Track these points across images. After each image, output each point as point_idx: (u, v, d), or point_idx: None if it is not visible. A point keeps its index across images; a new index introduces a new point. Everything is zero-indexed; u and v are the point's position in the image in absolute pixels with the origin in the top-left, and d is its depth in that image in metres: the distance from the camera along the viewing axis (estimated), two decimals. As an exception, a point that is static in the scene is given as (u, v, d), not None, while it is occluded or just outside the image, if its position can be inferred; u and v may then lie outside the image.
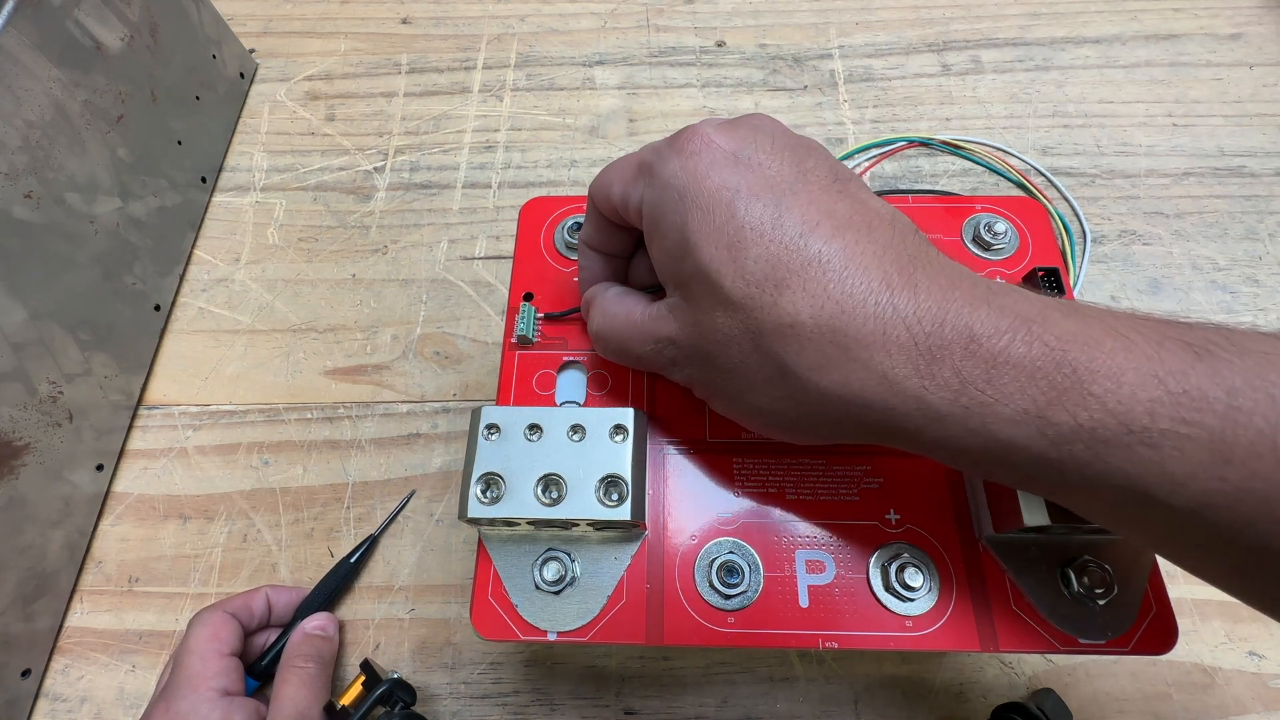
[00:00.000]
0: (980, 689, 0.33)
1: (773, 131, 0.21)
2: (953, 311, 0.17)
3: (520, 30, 0.53)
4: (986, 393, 0.17)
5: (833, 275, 0.18)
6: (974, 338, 0.17)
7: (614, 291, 0.24)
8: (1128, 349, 0.16)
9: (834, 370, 0.18)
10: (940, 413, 0.17)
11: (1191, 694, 0.32)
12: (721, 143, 0.20)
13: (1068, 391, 0.16)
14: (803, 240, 0.18)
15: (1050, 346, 0.16)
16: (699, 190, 0.20)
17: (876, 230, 0.19)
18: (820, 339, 0.18)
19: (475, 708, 0.33)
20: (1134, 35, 0.51)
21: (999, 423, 0.17)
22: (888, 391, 0.18)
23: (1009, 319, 0.17)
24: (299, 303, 0.43)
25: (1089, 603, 0.22)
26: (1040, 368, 0.16)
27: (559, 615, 0.23)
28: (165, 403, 0.40)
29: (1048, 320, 0.17)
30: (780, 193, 0.19)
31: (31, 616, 0.33)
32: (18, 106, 0.33)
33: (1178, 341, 0.16)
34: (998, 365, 0.17)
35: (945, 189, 0.45)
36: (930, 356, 0.17)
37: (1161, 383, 0.16)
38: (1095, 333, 0.17)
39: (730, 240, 0.19)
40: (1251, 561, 0.16)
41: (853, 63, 0.51)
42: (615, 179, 0.22)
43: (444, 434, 0.39)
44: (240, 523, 0.37)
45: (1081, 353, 0.16)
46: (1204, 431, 0.15)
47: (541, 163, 0.47)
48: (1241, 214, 0.44)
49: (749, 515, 0.24)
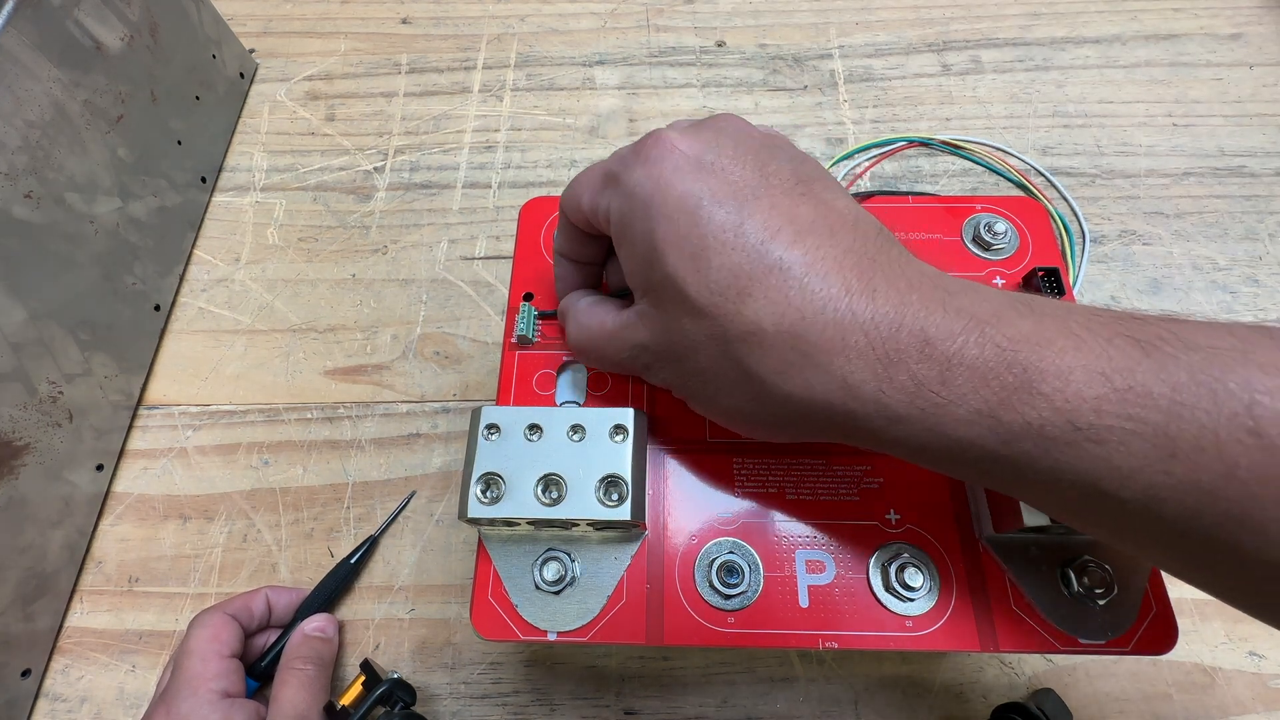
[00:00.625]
0: (980, 689, 0.33)
1: (736, 133, 0.21)
2: (909, 316, 0.18)
3: (520, 30, 0.53)
4: (941, 394, 0.17)
5: (793, 282, 0.18)
6: (928, 341, 0.17)
7: (586, 301, 0.24)
8: (1077, 347, 0.16)
9: (796, 375, 0.18)
10: (898, 414, 0.18)
11: (1192, 694, 0.32)
12: (685, 148, 0.20)
13: (1017, 391, 0.16)
14: (764, 248, 0.19)
15: (1001, 348, 0.17)
16: (663, 199, 0.20)
17: (838, 234, 0.19)
18: (782, 345, 0.18)
19: (475, 708, 0.33)
20: (1134, 35, 0.51)
21: (954, 423, 0.17)
22: (848, 395, 0.18)
23: (963, 321, 0.17)
24: (299, 303, 0.43)
25: (1089, 603, 0.22)
26: (992, 369, 0.17)
27: (559, 615, 0.23)
28: (165, 403, 0.40)
29: (1002, 320, 0.17)
30: (743, 199, 0.19)
31: (31, 616, 0.33)
32: (18, 106, 0.33)
33: (1127, 338, 0.16)
34: (952, 367, 0.17)
35: (945, 189, 0.45)
36: (887, 361, 0.18)
37: (1108, 380, 0.16)
38: (1048, 332, 0.17)
39: (694, 249, 0.19)
40: (1204, 554, 0.16)
41: (853, 63, 0.51)
42: (584, 189, 0.23)
43: (444, 434, 0.39)
44: (240, 523, 0.37)
45: (1032, 353, 0.17)
46: (1148, 427, 0.15)
47: (541, 163, 0.47)
48: (1241, 214, 0.44)
49: (749, 515, 0.24)
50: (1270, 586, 0.16)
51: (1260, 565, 0.15)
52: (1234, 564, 0.16)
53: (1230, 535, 0.15)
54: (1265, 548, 0.15)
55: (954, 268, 0.28)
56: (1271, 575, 0.15)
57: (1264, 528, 0.15)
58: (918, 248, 0.29)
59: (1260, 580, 0.16)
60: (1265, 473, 0.15)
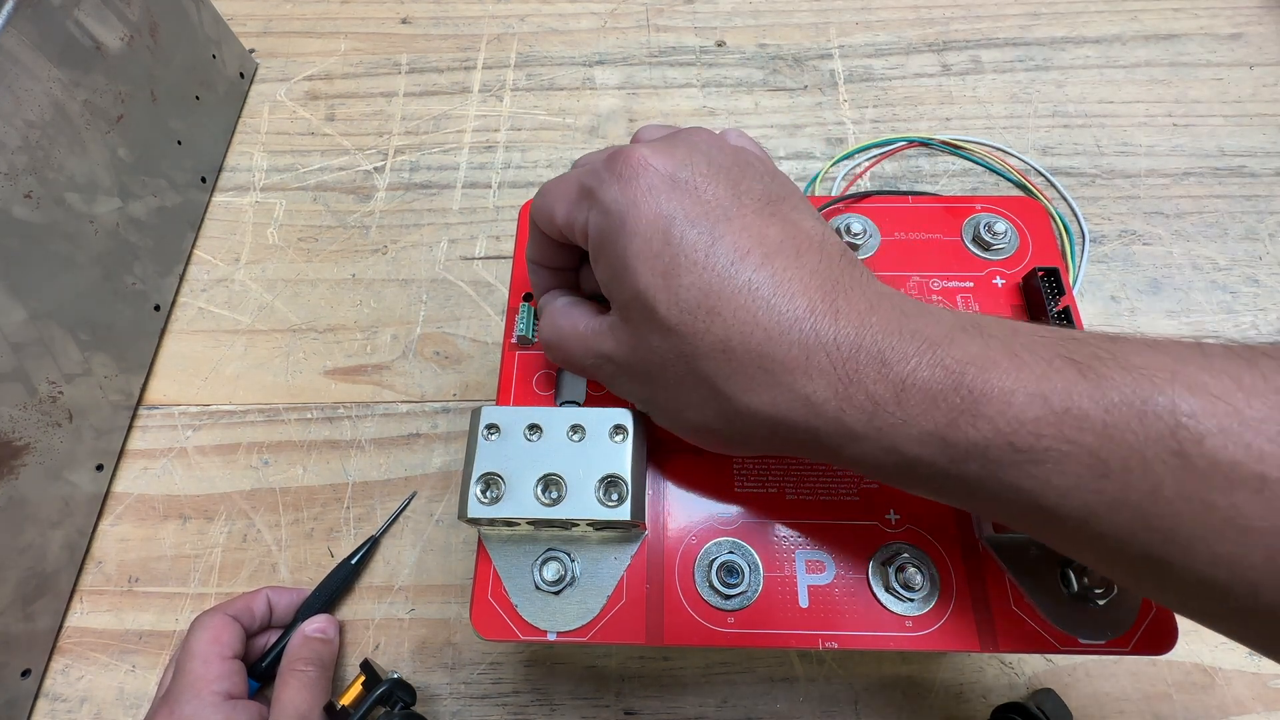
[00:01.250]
0: (980, 689, 0.33)
1: (708, 150, 0.21)
2: (868, 337, 0.18)
3: (520, 30, 0.53)
4: (896, 414, 0.18)
5: (761, 303, 0.19)
6: (885, 362, 0.18)
7: (562, 301, 0.25)
8: (1019, 369, 0.17)
9: (762, 392, 0.19)
10: (856, 433, 0.18)
11: (1191, 694, 0.32)
12: (659, 166, 0.20)
13: (964, 413, 0.17)
14: (734, 269, 0.19)
15: (950, 370, 0.17)
16: (637, 217, 0.20)
17: (804, 255, 0.20)
18: (749, 364, 0.19)
19: (475, 708, 0.33)
20: (1134, 35, 0.51)
21: (907, 442, 0.18)
22: (810, 413, 0.19)
23: (917, 343, 0.18)
24: (299, 303, 0.43)
25: (1089, 603, 0.22)
26: (941, 391, 0.17)
27: (559, 615, 0.23)
28: (165, 403, 0.40)
29: (953, 343, 0.18)
30: (714, 219, 0.20)
31: (31, 616, 0.33)
32: (18, 106, 0.33)
33: (1066, 359, 0.17)
34: (905, 389, 0.18)
35: (945, 189, 0.45)
36: (848, 380, 0.18)
37: (1046, 401, 0.17)
38: (994, 354, 0.18)
39: (665, 268, 0.19)
40: (1142, 568, 0.17)
41: (853, 63, 0.51)
42: (557, 201, 0.23)
43: (444, 434, 0.39)
44: (240, 523, 0.37)
45: (978, 375, 0.17)
46: (1082, 448, 0.16)
47: (541, 163, 0.47)
48: (1241, 214, 0.44)
49: (749, 515, 0.24)
50: (1197, 601, 0.17)
51: (1188, 578, 0.16)
52: (1167, 578, 0.16)
53: (1160, 551, 0.16)
54: (1189, 563, 0.16)
55: (954, 268, 0.28)
56: (1199, 590, 0.16)
57: (1189, 544, 0.15)
58: (918, 248, 0.29)
59: (1190, 593, 0.16)
60: (1187, 491, 0.15)
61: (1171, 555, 0.16)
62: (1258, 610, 0.16)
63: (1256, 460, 0.15)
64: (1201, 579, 0.16)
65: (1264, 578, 0.15)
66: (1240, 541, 0.15)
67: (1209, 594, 0.16)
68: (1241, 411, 0.15)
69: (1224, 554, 0.15)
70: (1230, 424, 0.15)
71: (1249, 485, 0.15)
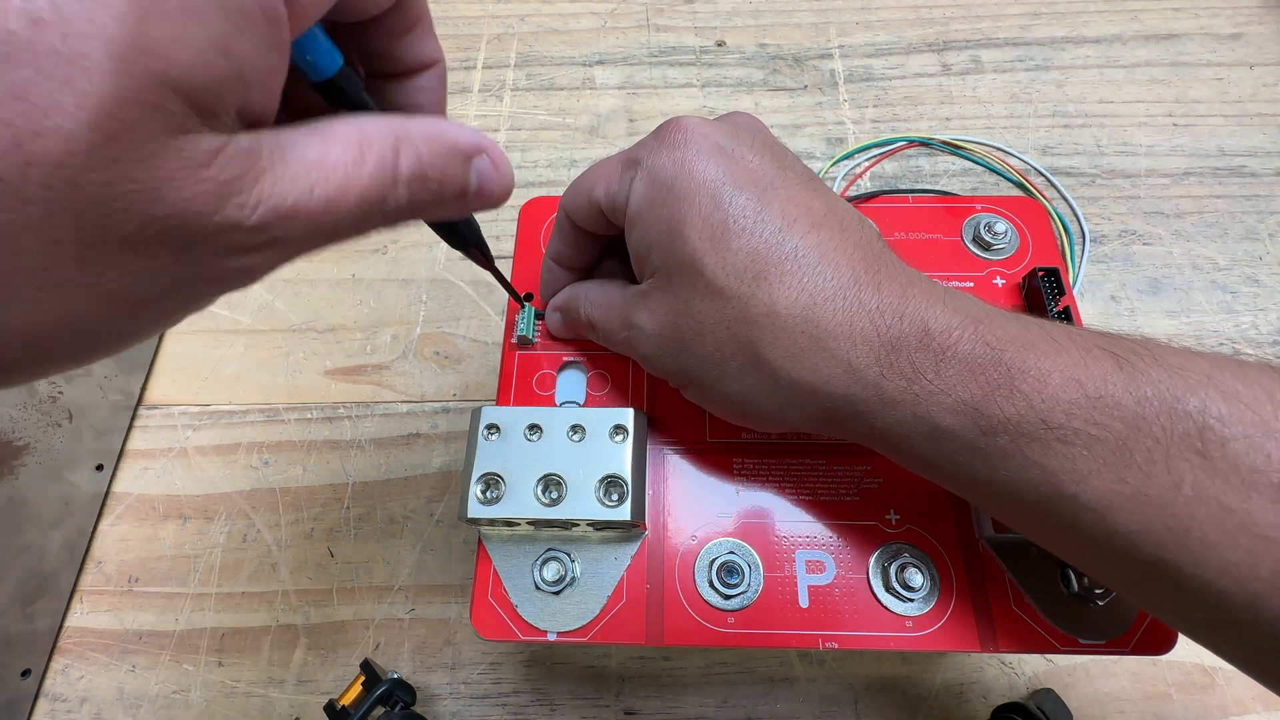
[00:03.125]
0: (980, 689, 0.33)
1: (753, 129, 0.22)
2: (911, 308, 0.19)
3: (520, 30, 0.53)
4: (934, 383, 0.18)
5: (807, 270, 0.19)
6: (928, 332, 0.19)
7: (590, 282, 0.25)
8: (1057, 353, 0.18)
9: (805, 359, 0.19)
10: (893, 399, 0.19)
11: (1191, 694, 0.32)
12: (708, 133, 0.21)
13: (1000, 387, 0.18)
14: (782, 235, 0.20)
15: (991, 345, 0.18)
16: (687, 181, 0.20)
17: (848, 229, 0.20)
18: (794, 329, 0.19)
19: (475, 708, 0.33)
20: (1134, 35, 0.51)
21: (941, 411, 0.18)
22: (851, 379, 0.19)
23: (960, 317, 0.19)
24: (299, 303, 0.43)
25: (1089, 603, 0.22)
26: (980, 364, 0.18)
27: (559, 615, 0.23)
28: (165, 403, 0.40)
29: (992, 322, 0.19)
30: (762, 187, 0.20)
31: (31, 616, 0.33)
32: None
33: (1104, 351, 0.18)
34: (945, 358, 0.18)
35: (945, 189, 0.45)
36: (890, 347, 0.19)
37: (1081, 386, 0.17)
38: (1032, 336, 0.18)
39: (714, 231, 0.20)
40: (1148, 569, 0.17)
41: (853, 62, 0.51)
42: (598, 181, 0.23)
43: (444, 434, 0.39)
44: (240, 523, 0.37)
45: (1016, 353, 0.18)
46: (1111, 435, 0.16)
47: (541, 163, 0.47)
48: (1241, 214, 0.44)
49: (749, 515, 0.24)
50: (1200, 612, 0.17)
51: (1194, 585, 0.16)
52: (1173, 582, 0.16)
53: (1171, 552, 0.16)
54: (1199, 570, 0.16)
55: (954, 268, 0.28)
56: (1203, 598, 0.16)
57: (1200, 549, 0.16)
58: (918, 247, 0.29)
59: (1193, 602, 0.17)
60: (1206, 492, 0.15)
61: (1182, 559, 0.16)
62: (1257, 625, 0.16)
63: (1277, 470, 0.15)
64: (1208, 587, 0.16)
65: (1269, 590, 0.15)
66: (1251, 549, 0.15)
67: (1212, 603, 0.16)
68: (1269, 423, 0.16)
69: (1234, 561, 0.15)
70: (1256, 432, 0.15)
71: (1267, 494, 0.15)
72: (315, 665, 0.34)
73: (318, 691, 0.33)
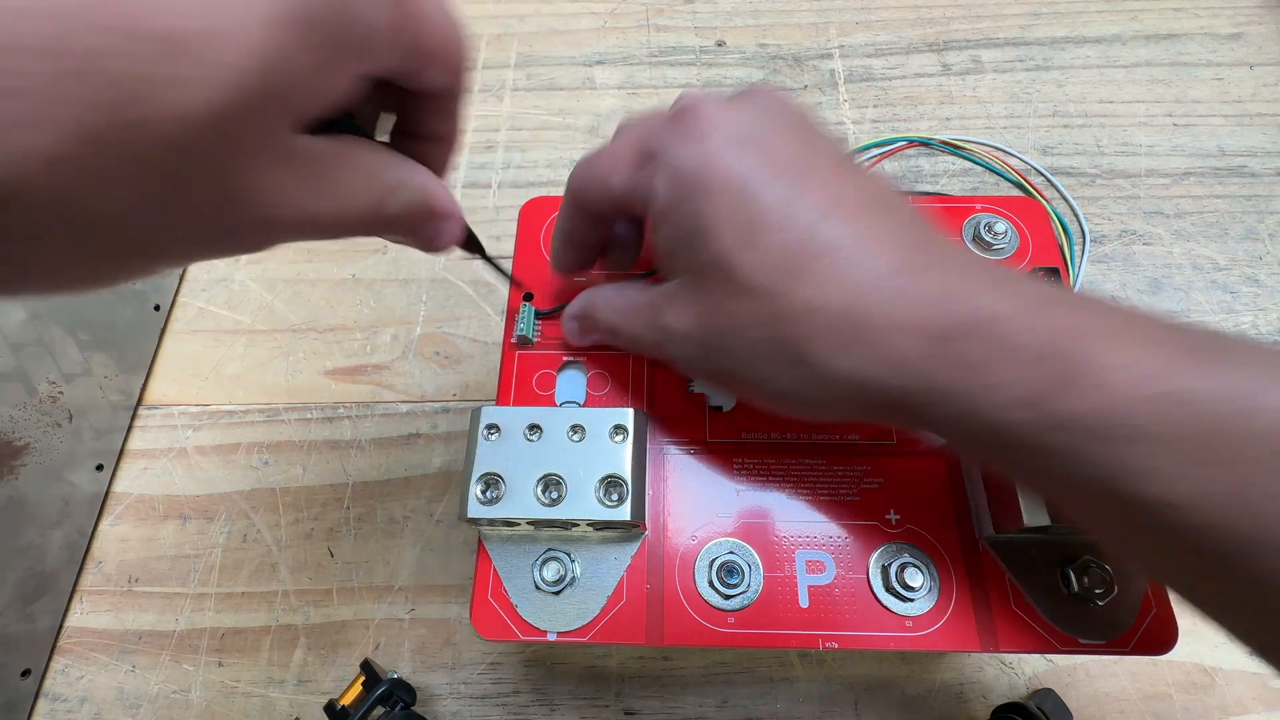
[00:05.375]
0: (980, 689, 0.33)
1: (776, 108, 0.21)
2: (962, 296, 0.18)
3: (520, 30, 0.53)
4: (988, 377, 0.17)
5: (846, 261, 0.18)
6: (980, 322, 0.17)
7: (609, 286, 0.24)
8: (1122, 344, 0.16)
9: (849, 354, 0.18)
10: (946, 393, 0.18)
11: (1192, 694, 0.32)
12: (730, 122, 0.20)
13: (1060, 380, 0.16)
14: (816, 226, 0.18)
15: (1050, 337, 0.17)
16: (710, 176, 0.19)
17: (889, 212, 0.19)
18: (837, 325, 0.18)
19: (475, 708, 0.33)
20: (1134, 35, 0.51)
21: (997, 406, 0.17)
22: (899, 373, 0.18)
23: (1015, 304, 0.17)
24: (299, 303, 0.43)
25: (1089, 603, 0.22)
26: (1038, 356, 0.17)
27: (559, 615, 0.23)
28: (165, 403, 0.40)
29: (1055, 309, 0.17)
30: (792, 176, 0.19)
31: (31, 616, 0.33)
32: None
33: (1170, 343, 0.16)
34: (1001, 350, 0.17)
35: (945, 189, 0.45)
36: (941, 339, 0.17)
37: (1148, 380, 0.16)
38: (1094, 326, 0.17)
39: (744, 227, 0.19)
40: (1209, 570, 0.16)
41: (853, 62, 0.51)
42: (613, 171, 0.22)
43: (444, 434, 0.39)
44: (240, 523, 0.37)
45: (1077, 345, 0.16)
46: (1178, 431, 0.15)
47: (541, 163, 0.47)
48: (1242, 214, 0.44)
49: (749, 515, 0.24)
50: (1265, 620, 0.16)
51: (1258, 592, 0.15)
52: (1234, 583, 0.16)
53: (1237, 553, 0.15)
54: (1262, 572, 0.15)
55: (954, 268, 0.28)
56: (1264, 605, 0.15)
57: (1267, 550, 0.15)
58: (918, 248, 0.29)
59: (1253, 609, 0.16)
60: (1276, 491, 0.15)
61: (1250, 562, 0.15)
62: None
63: None
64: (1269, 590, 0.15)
65: None
66: None
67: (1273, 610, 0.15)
68: None
69: None
70: None
71: None
72: (315, 665, 0.34)
73: (318, 691, 0.33)
